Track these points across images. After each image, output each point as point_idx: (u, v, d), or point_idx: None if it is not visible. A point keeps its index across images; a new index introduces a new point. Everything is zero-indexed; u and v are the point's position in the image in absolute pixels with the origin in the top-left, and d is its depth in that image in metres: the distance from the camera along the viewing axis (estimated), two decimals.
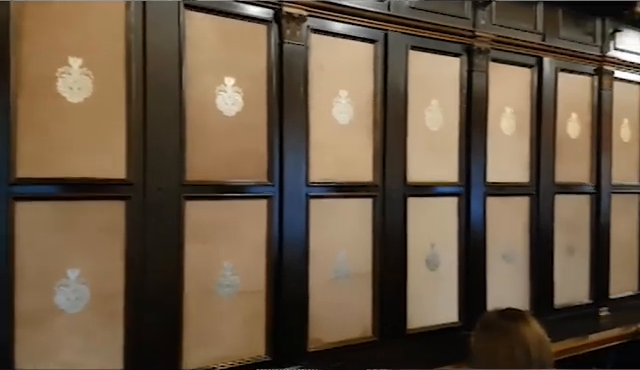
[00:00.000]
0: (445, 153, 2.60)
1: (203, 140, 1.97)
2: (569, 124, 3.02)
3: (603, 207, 3.13)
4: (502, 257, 2.77)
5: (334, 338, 2.25)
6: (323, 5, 2.16)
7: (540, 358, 1.53)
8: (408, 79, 2.43)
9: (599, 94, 3.10)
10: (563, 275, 2.98)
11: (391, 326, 2.37)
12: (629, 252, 3.33)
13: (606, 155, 3.14)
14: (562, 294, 2.97)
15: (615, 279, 3.21)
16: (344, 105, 2.30)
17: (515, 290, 2.82)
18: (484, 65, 2.63)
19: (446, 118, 2.59)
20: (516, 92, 2.83)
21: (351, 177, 2.32)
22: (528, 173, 2.87)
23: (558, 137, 2.96)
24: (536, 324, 1.59)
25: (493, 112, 2.73)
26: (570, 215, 3.04)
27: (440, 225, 2.60)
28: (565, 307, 2.98)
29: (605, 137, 3.13)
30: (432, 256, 2.56)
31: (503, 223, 2.78)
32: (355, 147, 2.34)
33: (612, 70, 3.11)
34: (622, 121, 3.27)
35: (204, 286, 1.98)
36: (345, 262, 2.28)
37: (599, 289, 3.12)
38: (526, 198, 2.87)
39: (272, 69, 2.10)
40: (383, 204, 2.38)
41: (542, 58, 2.85)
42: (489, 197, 2.71)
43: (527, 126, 2.86)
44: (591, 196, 3.12)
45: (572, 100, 3.02)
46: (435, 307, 2.54)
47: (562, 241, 2.99)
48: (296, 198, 2.14)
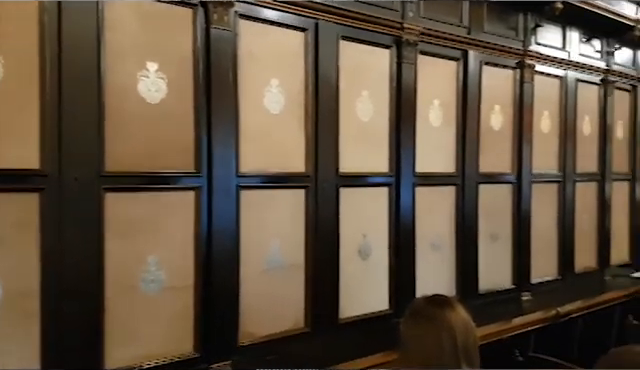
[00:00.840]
0: (376, 144, 2.62)
1: (124, 128, 1.86)
2: (492, 116, 3.14)
3: (524, 196, 3.28)
4: (430, 245, 2.83)
5: (266, 331, 2.22)
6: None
7: (466, 343, 1.57)
8: (339, 69, 2.42)
9: (521, 87, 3.23)
10: (487, 261, 3.10)
11: (324, 316, 2.36)
12: (549, 239, 3.52)
13: (527, 146, 3.29)
14: (486, 280, 3.09)
15: (536, 264, 3.37)
16: (275, 94, 2.26)
17: (442, 277, 2.90)
18: (413, 57, 2.67)
19: (377, 109, 2.61)
20: (443, 84, 2.90)
21: (283, 167, 2.29)
22: (454, 163, 2.95)
23: (482, 128, 3.06)
24: (462, 310, 1.63)
25: (422, 104, 2.78)
26: (493, 204, 3.16)
27: (371, 215, 2.62)
28: (489, 292, 3.10)
29: (526, 129, 3.28)
30: (364, 246, 2.58)
31: (431, 212, 2.85)
32: (287, 137, 2.30)
33: (533, 64, 3.26)
34: (542, 113, 3.43)
35: (127, 282, 1.88)
36: (277, 253, 2.25)
37: (521, 274, 3.27)
38: (452, 188, 2.96)
39: (198, 55, 2.02)
40: (315, 195, 2.36)
41: (467, 51, 2.93)
42: (418, 187, 2.77)
43: (453, 118, 2.94)
44: (513, 185, 3.26)
45: (496, 93, 3.14)
46: (367, 296, 2.57)
47: (486, 229, 3.10)
48: (226, 189, 2.08)
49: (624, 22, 3.58)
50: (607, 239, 3.91)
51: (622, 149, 4.09)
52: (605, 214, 3.88)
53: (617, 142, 4.02)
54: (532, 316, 2.95)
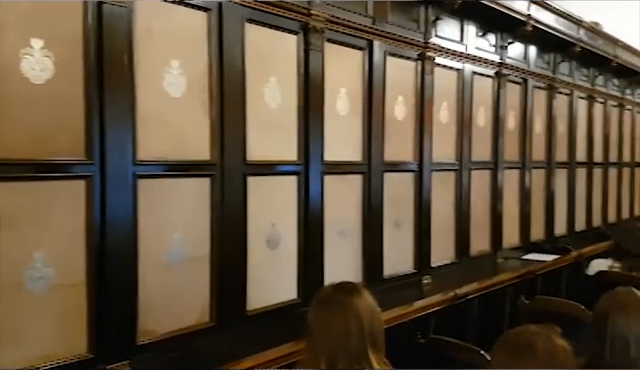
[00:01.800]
0: (284, 131, 2.58)
1: (4, 110, 1.67)
2: (396, 106, 3.21)
3: (425, 184, 3.41)
4: (338, 233, 2.85)
5: (169, 327, 2.10)
6: None
7: (372, 328, 1.59)
8: (245, 53, 2.34)
9: (422, 78, 3.34)
10: (391, 247, 3.18)
11: (230, 309, 2.29)
12: (447, 224, 3.69)
13: (427, 136, 3.41)
14: (390, 265, 3.18)
15: (435, 249, 3.52)
16: (176, 76, 2.13)
17: (349, 264, 2.93)
18: (320, 45, 2.65)
19: (284, 96, 2.56)
20: (350, 73, 2.92)
21: (186, 155, 2.18)
22: (361, 152, 2.99)
23: (387, 118, 3.13)
24: (368, 296, 1.65)
25: (329, 92, 2.77)
26: (397, 192, 3.25)
27: (280, 204, 2.58)
28: (393, 277, 3.19)
29: (427, 119, 3.39)
30: (273, 235, 2.53)
31: (339, 200, 2.87)
32: (190, 122, 2.19)
33: (433, 56, 3.37)
34: (441, 104, 3.57)
35: (11, 280, 1.69)
36: (180, 246, 2.14)
37: (422, 259, 3.40)
38: (359, 176, 2.99)
39: (89, 32, 1.85)
40: (221, 183, 2.27)
41: (372, 41, 2.97)
42: (326, 175, 2.77)
43: (360, 107, 2.97)
44: (415, 174, 3.37)
45: (399, 83, 3.21)
46: (275, 286, 2.53)
47: (390, 216, 3.18)
48: (121, 178, 1.94)
49: (517, 17, 3.81)
50: (499, 224, 4.18)
51: (513, 139, 4.38)
52: (497, 200, 4.14)
53: (509, 132, 4.29)
54: (432, 299, 3.08)
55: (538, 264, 4.10)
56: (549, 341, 1.32)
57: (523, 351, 1.30)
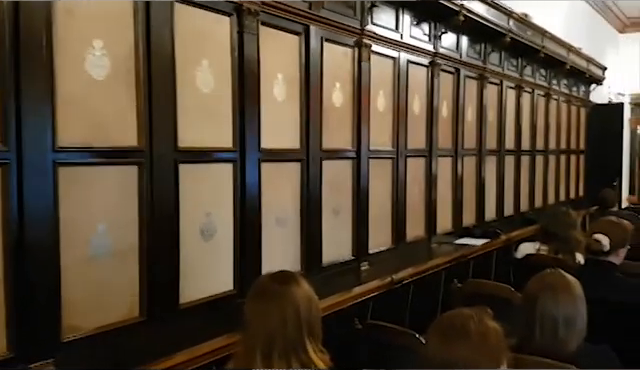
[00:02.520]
0: (218, 117, 2.49)
1: None
2: (334, 93, 3.19)
3: (363, 171, 3.42)
4: (276, 222, 2.80)
5: (96, 323, 1.98)
6: None
7: (309, 316, 1.56)
8: (175, 34, 2.23)
9: (359, 66, 3.33)
10: (330, 235, 3.17)
11: (162, 303, 2.19)
12: (384, 211, 3.72)
13: (365, 124, 3.41)
14: (329, 252, 3.17)
15: (373, 236, 3.55)
16: (99, 57, 1.99)
17: (288, 253, 2.89)
18: (255, 28, 2.57)
19: (218, 80, 2.46)
20: (287, 59, 2.86)
21: (111, 141, 2.05)
22: (299, 139, 2.95)
23: (324, 105, 3.10)
24: (306, 284, 1.62)
25: (266, 77, 2.71)
26: (336, 179, 3.24)
27: (216, 193, 2.50)
28: (332, 264, 3.19)
29: (364, 107, 3.40)
30: (207, 225, 2.44)
31: (277, 189, 2.82)
32: (115, 107, 2.06)
33: (370, 44, 3.37)
34: (378, 92, 3.59)
35: None
36: (105, 237, 2.02)
37: (360, 246, 3.41)
38: (297, 164, 2.95)
39: (3, 10, 1.69)
40: (151, 171, 2.16)
41: (309, 26, 2.92)
42: (263, 163, 2.71)
43: (297, 93, 2.92)
44: (353, 161, 3.37)
45: (336, 70, 3.19)
46: (211, 278, 2.45)
47: (329, 203, 3.17)
48: (40, 166, 1.79)
49: (450, 7, 3.87)
50: (434, 210, 4.28)
51: (446, 127, 4.48)
52: (432, 187, 4.23)
53: (442, 121, 4.38)
54: (370, 285, 3.10)
55: (470, 248, 4.24)
56: (482, 324, 1.34)
57: (456, 334, 1.31)
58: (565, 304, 1.83)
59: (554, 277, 1.92)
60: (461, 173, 4.66)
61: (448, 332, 1.34)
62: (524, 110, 5.82)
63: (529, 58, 5.62)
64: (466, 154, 4.77)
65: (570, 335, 1.82)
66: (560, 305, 1.82)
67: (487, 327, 1.34)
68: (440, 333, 1.35)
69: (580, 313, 1.84)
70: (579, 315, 1.84)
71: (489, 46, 4.88)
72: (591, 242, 2.64)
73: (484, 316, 1.37)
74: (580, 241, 3.29)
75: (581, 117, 7.70)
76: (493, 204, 5.29)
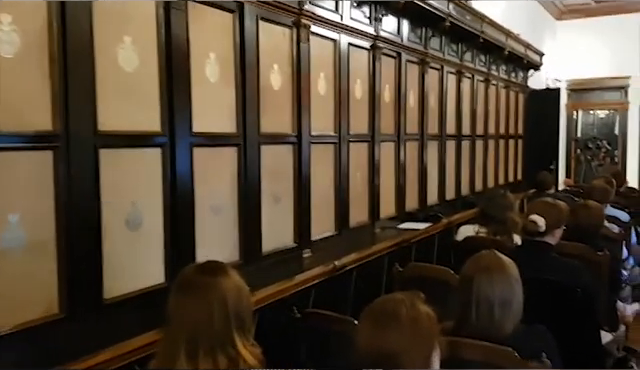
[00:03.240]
0: (144, 98, 2.33)
1: None
2: (272, 75, 3.08)
3: (304, 157, 3.33)
4: (211, 210, 2.68)
5: (11, 321, 1.82)
6: None
7: (238, 308, 1.47)
8: (93, 9, 2.05)
9: (298, 47, 3.23)
10: (270, 222, 3.08)
11: (84, 298, 2.03)
12: (327, 197, 3.66)
13: (306, 107, 3.32)
14: (270, 241, 3.07)
15: (316, 222, 3.48)
16: (7, 33, 1.81)
17: (224, 242, 2.77)
18: (182, 4, 2.41)
19: (143, 59, 2.30)
20: (219, 38, 2.72)
21: (22, 125, 1.87)
22: (235, 123, 2.82)
23: (262, 88, 2.98)
24: (235, 275, 1.53)
25: (197, 57, 2.56)
26: (275, 165, 3.14)
27: (142, 180, 2.34)
28: (273, 252, 3.10)
29: (304, 90, 3.30)
30: (133, 215, 2.29)
31: (211, 175, 2.69)
32: (26, 87, 1.88)
33: (309, 24, 3.27)
34: (319, 75, 3.50)
35: None
36: (17, 229, 1.84)
37: (302, 233, 3.33)
38: (233, 149, 2.83)
39: None
40: (67, 157, 1.99)
41: (243, 4, 2.78)
42: (196, 148, 2.57)
43: (232, 74, 2.79)
44: (293, 146, 3.28)
45: (274, 51, 3.08)
46: (138, 270, 2.31)
47: (268, 190, 3.07)
48: None
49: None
50: (377, 195, 4.25)
51: (389, 112, 4.46)
52: (375, 172, 4.21)
53: (384, 106, 4.35)
54: (312, 272, 3.04)
55: (412, 232, 4.26)
56: (413, 308, 1.29)
57: (387, 319, 1.27)
58: (500, 285, 1.82)
59: (489, 258, 1.91)
60: (404, 158, 4.66)
61: (379, 318, 1.29)
62: (464, 95, 5.89)
63: (469, 43, 5.69)
64: (408, 139, 4.77)
65: (506, 316, 1.81)
66: (495, 286, 1.82)
67: (419, 312, 1.30)
68: (371, 319, 1.30)
69: (516, 294, 1.84)
70: (515, 296, 1.84)
71: (430, 30, 4.89)
72: (527, 223, 2.67)
73: (416, 300, 1.33)
74: (517, 223, 3.34)
75: (519, 102, 7.92)
76: (435, 188, 5.34)
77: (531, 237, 2.68)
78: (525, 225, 2.68)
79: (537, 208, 2.70)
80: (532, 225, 2.67)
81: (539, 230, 2.66)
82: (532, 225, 2.67)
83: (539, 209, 2.68)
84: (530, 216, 2.64)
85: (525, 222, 2.69)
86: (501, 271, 1.85)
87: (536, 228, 2.66)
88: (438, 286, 2.81)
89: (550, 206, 2.75)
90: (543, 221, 2.65)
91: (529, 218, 2.64)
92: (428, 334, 1.28)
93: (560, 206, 2.75)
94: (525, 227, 2.69)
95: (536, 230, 2.67)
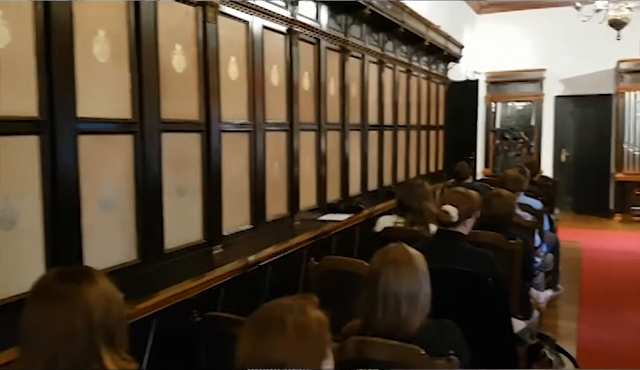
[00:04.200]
0: (16, 79, 2.03)
1: None
2: (174, 57, 2.83)
3: (214, 146, 3.11)
4: (101, 205, 2.40)
5: None
6: None
7: (106, 319, 1.26)
8: None
9: (204, 27, 2.99)
10: (174, 218, 2.84)
11: None
12: (240, 189, 3.46)
13: (215, 92, 3.10)
14: (174, 237, 2.84)
15: (228, 216, 3.27)
16: None
17: (118, 240, 2.51)
18: None
19: (15, 34, 2.00)
20: (109, 13, 2.44)
21: None
22: (130, 108, 2.56)
23: (162, 70, 2.73)
24: (104, 281, 1.31)
25: (82, 33, 2.28)
26: (180, 155, 2.91)
27: (16, 173, 2.05)
28: (177, 250, 2.86)
29: (212, 73, 3.08)
30: (7, 212, 2.00)
31: (101, 166, 2.41)
32: None
33: (216, 3, 3.04)
34: (229, 59, 3.28)
35: None
36: None
37: (212, 228, 3.12)
38: (129, 137, 2.56)
39: None
40: None
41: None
42: (82, 136, 2.29)
43: (126, 54, 2.52)
44: (201, 134, 3.05)
45: (176, 30, 2.83)
46: (12, 274, 2.01)
47: (172, 182, 2.83)
48: None
49: None
50: (296, 186, 4.10)
51: (308, 101, 4.31)
52: (294, 163, 4.05)
53: (304, 94, 4.20)
54: (221, 270, 2.84)
55: (333, 224, 4.15)
56: (302, 314, 1.15)
57: (271, 327, 1.11)
58: (408, 279, 1.73)
59: (397, 252, 1.82)
60: (325, 148, 4.54)
61: (264, 326, 1.13)
62: (386, 85, 5.86)
63: (390, 33, 5.64)
64: (330, 129, 4.66)
65: (413, 312, 1.73)
66: (403, 281, 1.73)
67: (308, 318, 1.15)
68: (254, 328, 1.14)
69: (423, 288, 1.76)
70: (422, 291, 1.75)
71: (350, 18, 4.78)
72: (440, 213, 2.63)
73: (307, 306, 1.18)
74: (434, 213, 3.31)
75: (440, 94, 8.04)
76: (357, 179, 5.27)
77: (444, 227, 2.64)
78: (438, 215, 2.64)
79: (449, 198, 2.67)
80: (445, 215, 2.63)
81: (452, 220, 2.63)
82: (445, 215, 2.63)
83: (451, 199, 2.66)
84: (443, 206, 2.60)
85: (438, 212, 2.64)
86: (409, 265, 1.76)
87: (449, 218, 2.63)
88: (354, 279, 2.70)
89: (462, 196, 2.73)
90: (455, 211, 2.62)
91: (442, 208, 2.61)
92: (317, 342, 1.14)
93: (472, 195, 2.74)
94: (438, 217, 2.64)
95: (449, 220, 2.64)
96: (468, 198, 2.69)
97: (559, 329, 4.47)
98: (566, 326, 4.51)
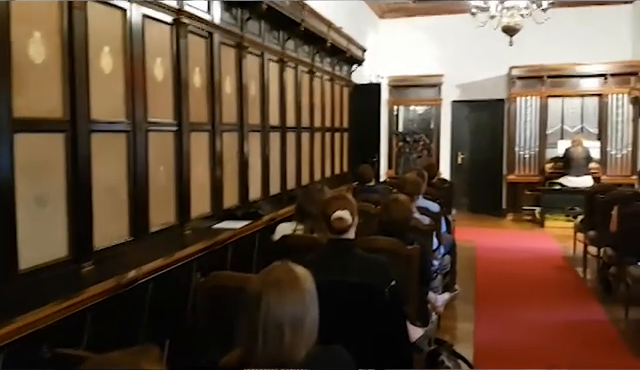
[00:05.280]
0: None
1: None
2: (31, 45, 2.41)
3: (81, 147, 2.70)
4: None
5: None
6: None
7: None
8: None
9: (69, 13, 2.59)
10: (31, 232, 2.41)
11: None
12: (117, 197, 3.06)
13: (82, 85, 2.69)
14: (30, 255, 2.41)
15: (101, 228, 2.87)
16: None
17: None
18: None
19: None
20: None
21: None
22: None
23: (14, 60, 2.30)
24: None
25: None
26: (38, 159, 2.48)
27: None
28: (35, 270, 2.44)
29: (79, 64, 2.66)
30: None
31: None
32: None
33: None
34: (102, 49, 2.89)
35: None
36: None
37: (80, 242, 2.71)
38: None
39: None
40: None
41: None
42: None
43: None
44: (65, 134, 2.64)
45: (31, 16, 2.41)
46: None
47: (28, 192, 2.40)
48: None
49: None
50: (187, 192, 3.76)
51: (201, 99, 3.99)
52: (183, 165, 3.71)
53: (195, 91, 3.87)
54: (88, 291, 2.46)
55: (228, 232, 3.86)
56: None
57: None
58: (292, 303, 1.52)
59: (280, 272, 1.59)
60: (220, 150, 4.23)
61: None
62: (288, 86, 5.65)
63: (291, 31, 5.44)
64: (226, 130, 4.36)
65: (298, 339, 1.51)
66: (286, 304, 1.51)
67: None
68: None
69: (310, 312, 1.55)
70: (308, 315, 1.54)
71: (246, 12, 4.51)
72: (334, 222, 2.47)
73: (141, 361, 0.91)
74: None
75: (344, 96, 7.99)
76: (258, 183, 5.01)
77: (337, 235, 2.48)
78: (332, 224, 2.47)
79: (334, 205, 2.52)
80: (340, 222, 2.47)
81: (348, 224, 2.50)
82: (340, 222, 2.47)
83: (338, 205, 2.51)
84: (335, 214, 2.44)
85: (332, 222, 2.47)
86: (293, 286, 1.54)
87: (345, 223, 2.51)
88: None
89: (344, 199, 2.60)
90: (348, 213, 2.50)
91: (334, 216, 2.44)
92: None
93: (350, 197, 2.64)
94: (332, 227, 2.48)
95: (346, 225, 2.50)
96: (349, 200, 2.59)
97: (457, 331, 4.51)
98: (464, 328, 4.55)
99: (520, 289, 5.71)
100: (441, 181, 7.35)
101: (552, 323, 4.64)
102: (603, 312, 4.86)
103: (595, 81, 9.42)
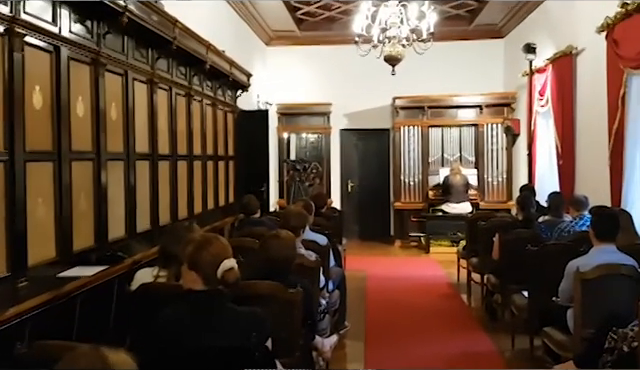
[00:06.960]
0: None
1: None
2: None
3: None
4: None
5: None
6: None
7: None
8: None
9: None
10: None
11: None
12: None
13: None
14: None
15: None
16: None
17: None
18: None
19: None
20: None
21: None
22: None
23: None
24: None
25: None
26: None
27: None
28: None
29: None
30: None
31: None
32: None
33: None
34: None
35: None
36: None
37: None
38: None
39: None
40: None
41: None
42: None
43: None
44: None
45: None
46: None
47: None
48: None
49: None
50: (22, 235, 3.07)
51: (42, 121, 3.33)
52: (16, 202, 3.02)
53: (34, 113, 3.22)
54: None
55: (77, 282, 3.22)
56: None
57: None
58: None
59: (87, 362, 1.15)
60: (68, 182, 3.56)
61: None
62: (160, 109, 5.08)
63: (162, 50, 4.91)
64: (77, 158, 3.69)
65: None
66: None
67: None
68: None
69: None
70: None
71: (104, 26, 3.93)
72: (226, 274, 2.10)
73: None
74: None
75: (229, 122, 7.56)
76: (121, 219, 4.35)
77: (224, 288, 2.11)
78: (223, 277, 2.09)
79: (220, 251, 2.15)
80: (232, 273, 2.13)
81: (238, 275, 2.17)
82: (232, 273, 2.13)
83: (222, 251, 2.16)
84: (223, 264, 2.07)
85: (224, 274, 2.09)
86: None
87: (236, 274, 2.16)
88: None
89: (223, 243, 2.23)
90: (235, 261, 2.15)
91: (224, 267, 2.08)
92: None
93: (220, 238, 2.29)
94: (225, 281, 2.10)
95: (236, 277, 2.15)
96: (222, 241, 2.22)
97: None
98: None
99: (409, 321, 5.57)
100: (331, 210, 7.16)
101: (443, 356, 4.51)
102: (490, 342, 4.81)
103: (472, 111, 9.89)
